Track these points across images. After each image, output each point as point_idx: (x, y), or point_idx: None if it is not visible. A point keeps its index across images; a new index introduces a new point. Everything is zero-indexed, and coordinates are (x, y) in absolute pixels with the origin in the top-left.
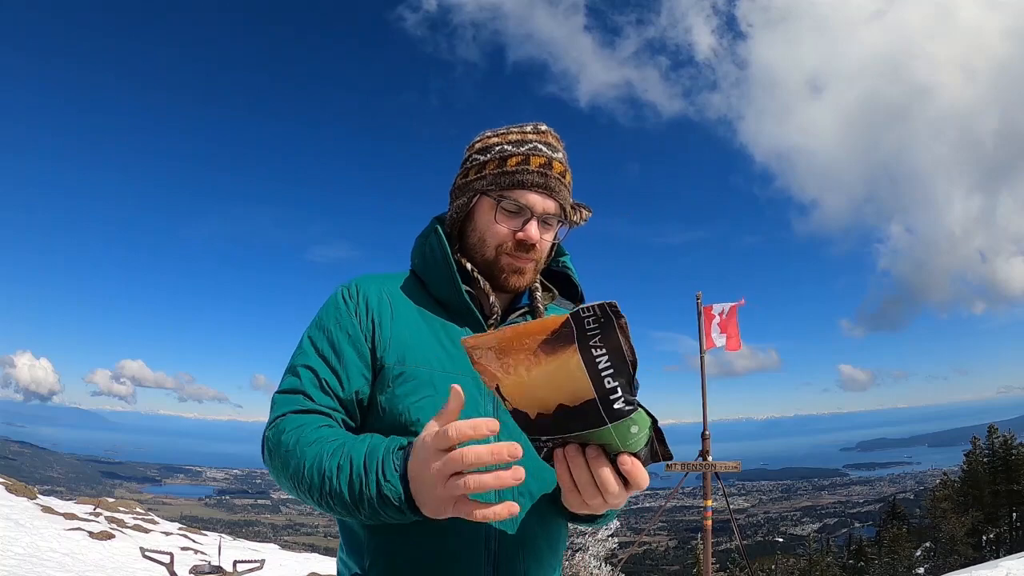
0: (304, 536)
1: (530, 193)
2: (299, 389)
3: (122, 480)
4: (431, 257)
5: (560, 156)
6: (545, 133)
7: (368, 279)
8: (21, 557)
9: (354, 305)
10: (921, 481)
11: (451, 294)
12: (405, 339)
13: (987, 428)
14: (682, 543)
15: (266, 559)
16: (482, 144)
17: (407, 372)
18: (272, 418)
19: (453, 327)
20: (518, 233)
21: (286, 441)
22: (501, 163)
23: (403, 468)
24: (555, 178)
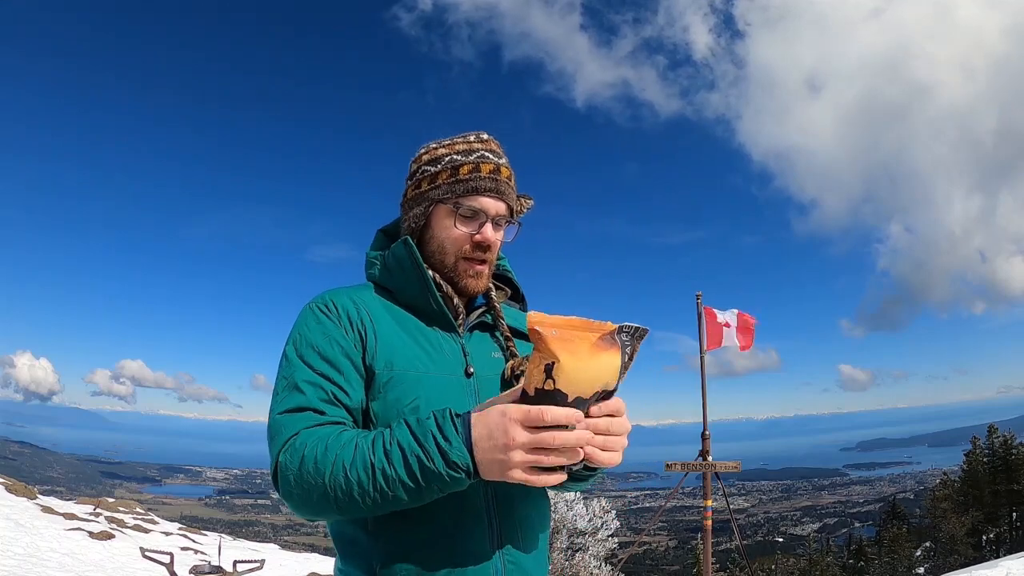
0: (304, 536)
1: (483, 197)
2: (306, 406)
3: (122, 480)
4: (398, 267)
5: (505, 162)
6: (488, 141)
7: (337, 293)
8: (21, 557)
9: (336, 318)
10: (921, 481)
11: (424, 301)
12: (389, 345)
13: (987, 428)
14: (682, 543)
15: (266, 559)
16: (430, 156)
17: (396, 377)
18: (283, 441)
19: (429, 331)
20: (475, 236)
21: (311, 455)
22: (454, 172)
23: (467, 434)
24: (504, 182)
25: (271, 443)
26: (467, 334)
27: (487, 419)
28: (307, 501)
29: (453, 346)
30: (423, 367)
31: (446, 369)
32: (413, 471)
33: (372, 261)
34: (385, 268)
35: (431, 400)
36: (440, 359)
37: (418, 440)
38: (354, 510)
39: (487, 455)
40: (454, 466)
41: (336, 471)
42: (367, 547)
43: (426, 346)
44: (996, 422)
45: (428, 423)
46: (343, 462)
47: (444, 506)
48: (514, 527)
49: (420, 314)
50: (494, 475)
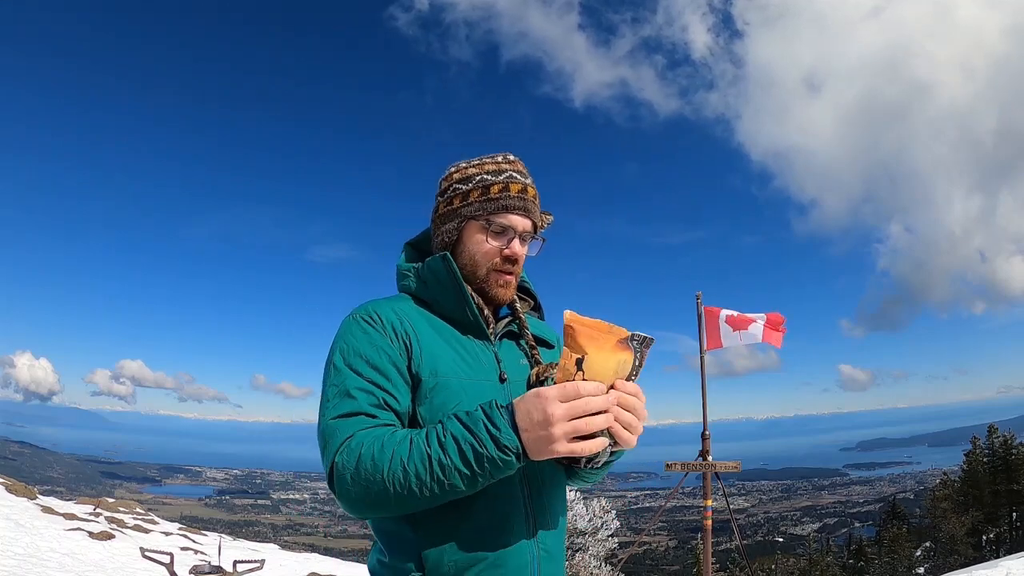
0: (304, 536)
1: (512, 215)
2: (358, 411)
3: (122, 480)
4: (435, 280)
5: (530, 182)
6: (515, 162)
7: (379, 304)
8: (21, 557)
9: (381, 328)
10: (921, 481)
11: (461, 312)
12: (432, 354)
13: (987, 428)
14: (682, 543)
15: (266, 559)
16: (460, 175)
17: (440, 383)
18: (338, 443)
19: (464, 339)
20: (504, 250)
21: (368, 453)
22: (485, 191)
23: (511, 420)
24: (530, 200)
25: (325, 446)
26: (497, 342)
27: (526, 403)
28: (365, 498)
29: (487, 354)
30: (463, 373)
31: (483, 375)
32: (467, 458)
33: (405, 273)
34: (421, 281)
35: (472, 403)
36: (477, 366)
37: (470, 430)
38: (411, 502)
39: (531, 434)
40: (505, 449)
41: (395, 466)
42: (413, 540)
43: (463, 354)
44: (996, 422)
45: (477, 414)
46: (400, 457)
47: (485, 498)
48: (545, 516)
49: (456, 324)
50: (542, 452)
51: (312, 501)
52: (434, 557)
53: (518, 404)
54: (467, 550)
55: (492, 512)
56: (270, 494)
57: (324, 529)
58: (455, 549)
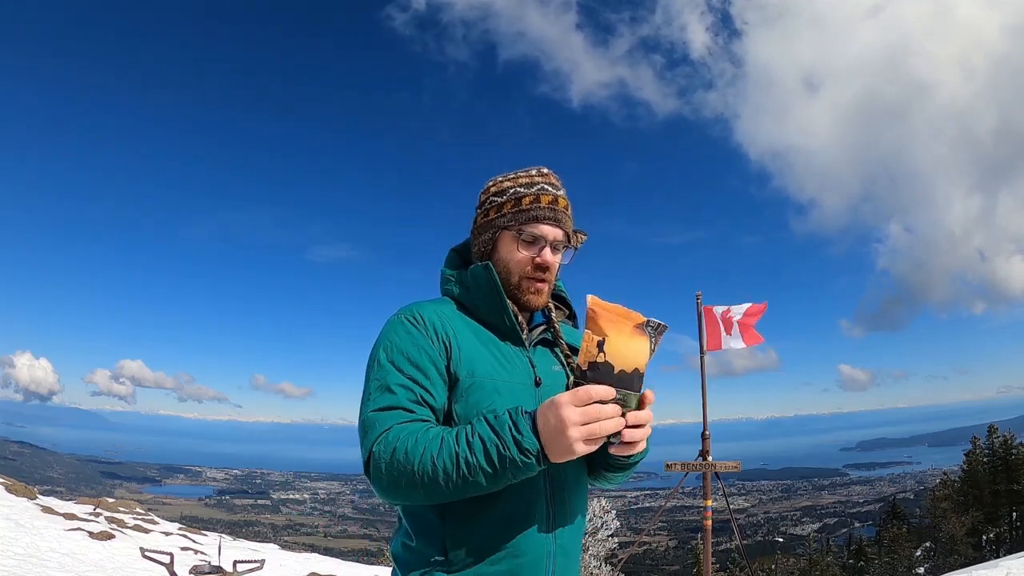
0: (304, 536)
1: (543, 225)
2: (397, 405)
3: (122, 480)
4: (476, 287)
5: (563, 193)
6: (548, 175)
7: (423, 306)
8: (21, 557)
9: (423, 328)
10: (921, 481)
11: (499, 318)
12: (471, 356)
13: (987, 428)
14: (682, 543)
15: (266, 559)
16: (496, 188)
17: (476, 383)
18: (376, 435)
19: (502, 344)
20: (536, 259)
21: (402, 447)
22: (517, 202)
23: (533, 425)
24: (561, 211)
25: (364, 436)
26: (532, 349)
27: (544, 410)
28: (395, 486)
29: (522, 359)
30: (498, 376)
31: (518, 379)
32: (492, 458)
33: (448, 278)
34: (463, 286)
35: (505, 404)
36: (512, 370)
37: (496, 432)
38: (438, 494)
39: (550, 438)
40: (526, 452)
41: (425, 460)
42: (439, 528)
43: (500, 358)
44: (996, 422)
45: (504, 418)
46: (431, 452)
47: (510, 492)
48: (565, 513)
49: (494, 329)
50: (562, 455)
51: (312, 501)
52: (456, 544)
53: (539, 411)
54: (488, 540)
55: (515, 506)
56: (270, 494)
57: (324, 529)
58: (477, 538)
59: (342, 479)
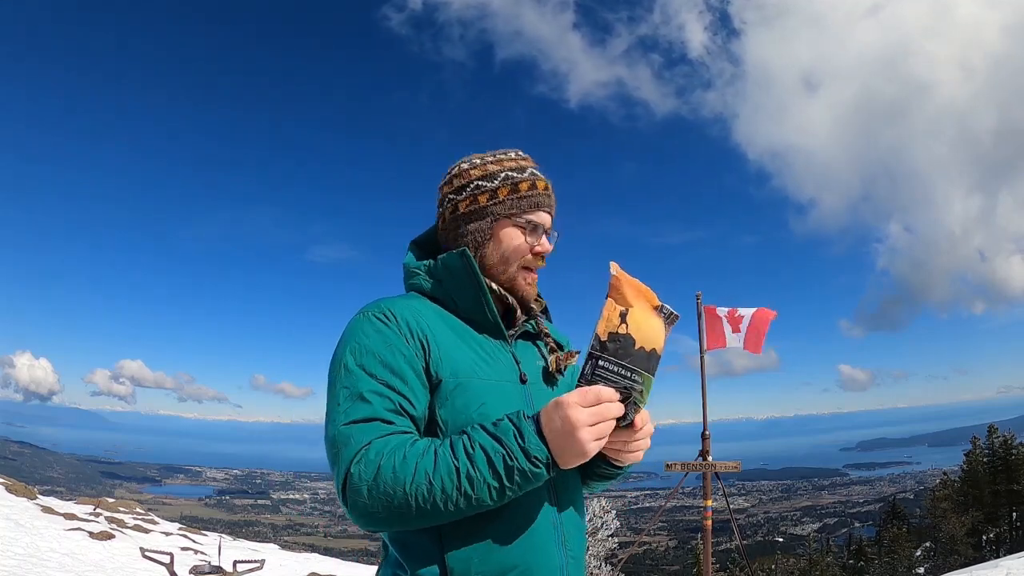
0: (304, 536)
1: (541, 212)
2: (374, 416)
3: (122, 480)
4: (450, 277)
5: (547, 178)
6: (529, 159)
7: (392, 302)
8: (21, 557)
9: (395, 326)
10: (921, 481)
11: (481, 312)
12: (451, 354)
13: (987, 428)
14: (682, 543)
15: (266, 559)
16: (481, 172)
17: (462, 384)
18: (353, 452)
19: (482, 339)
20: (535, 247)
21: (388, 465)
22: (514, 188)
23: (538, 430)
24: (553, 197)
25: (337, 454)
26: (513, 343)
27: (550, 412)
28: (383, 512)
29: (505, 354)
30: (484, 374)
31: (504, 376)
32: (497, 470)
33: (414, 271)
34: (434, 279)
35: (495, 405)
36: (496, 366)
37: (499, 440)
38: (433, 517)
39: (559, 442)
40: (535, 461)
41: (419, 479)
42: (435, 553)
43: (482, 354)
44: (996, 422)
45: (505, 424)
46: (425, 469)
47: (514, 505)
48: (571, 520)
49: (471, 323)
50: (574, 459)
51: (312, 501)
52: (460, 566)
53: (543, 414)
54: (496, 558)
55: (520, 518)
56: (270, 494)
57: (324, 529)
58: (483, 557)
59: None
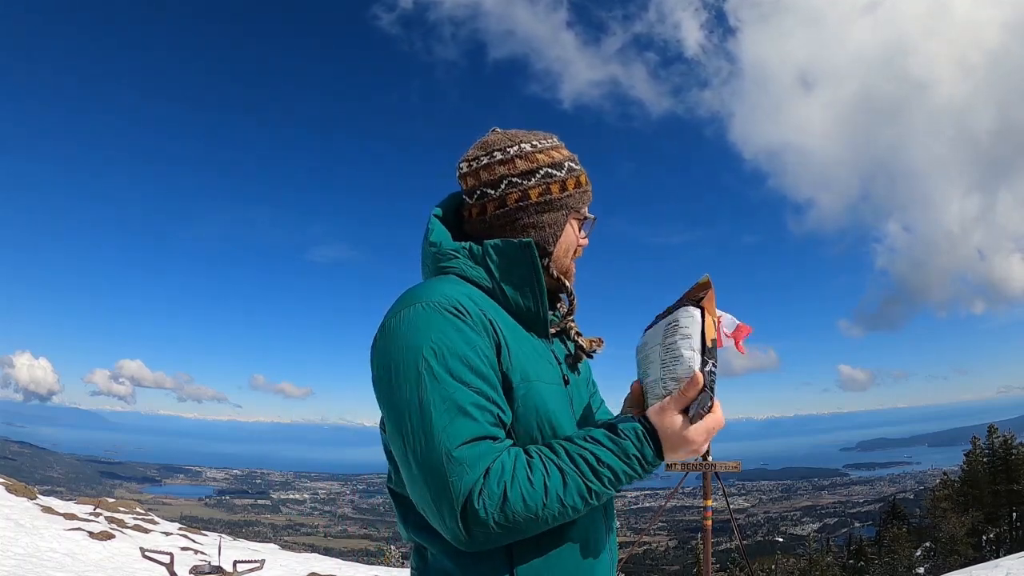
0: (304, 536)
1: (585, 208)
2: (483, 435)
3: (122, 480)
4: (508, 268)
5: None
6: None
7: (454, 290)
8: (21, 557)
9: (472, 322)
10: (921, 481)
11: (535, 308)
12: (518, 353)
13: (987, 428)
14: (682, 543)
15: (266, 559)
16: (548, 158)
17: (531, 388)
18: (472, 481)
19: (534, 339)
20: (582, 240)
21: (515, 494)
22: (578, 182)
23: (651, 436)
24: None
25: (448, 483)
26: (552, 341)
27: (669, 434)
28: (507, 537)
29: (548, 353)
30: (544, 376)
31: (554, 378)
32: (621, 487)
33: (451, 254)
34: (482, 266)
35: (558, 411)
36: (548, 367)
37: (625, 462)
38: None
39: (667, 458)
40: (649, 468)
41: (550, 502)
42: (503, 565)
43: (534, 354)
44: (996, 422)
45: (626, 444)
46: (557, 492)
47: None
48: (612, 522)
49: (521, 319)
50: (695, 451)
51: (312, 501)
52: (523, 561)
53: (661, 432)
54: (562, 567)
55: (582, 527)
56: (270, 494)
57: (324, 529)
58: (551, 568)
59: (342, 479)
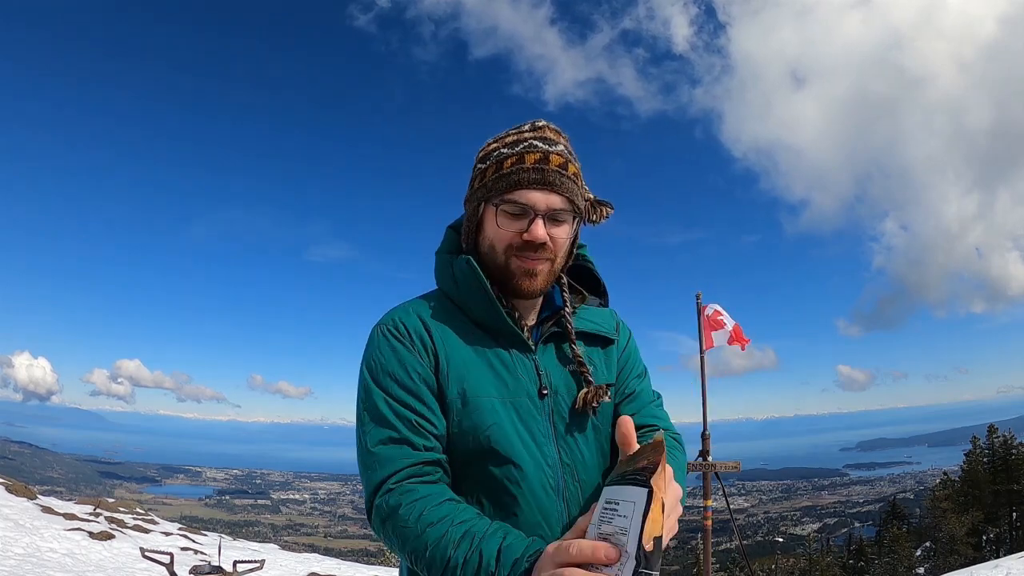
0: (304, 536)
1: (529, 191)
2: (399, 438)
3: (122, 480)
4: (465, 284)
5: (559, 149)
6: (542, 128)
7: (405, 312)
8: (21, 557)
9: (408, 342)
10: (921, 481)
11: (493, 318)
12: (461, 369)
13: (987, 428)
14: (682, 543)
15: (266, 559)
16: (483, 152)
17: (470, 404)
18: (381, 479)
19: (500, 349)
20: (524, 234)
21: (405, 516)
22: (498, 167)
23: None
24: (553, 171)
25: (366, 475)
26: (541, 347)
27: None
28: (389, 545)
29: (526, 364)
30: (495, 391)
31: (519, 391)
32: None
33: (443, 268)
34: (454, 280)
35: (505, 427)
36: (512, 380)
37: (498, 563)
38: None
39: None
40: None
41: (418, 545)
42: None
43: (498, 367)
44: (996, 422)
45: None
46: (427, 541)
47: (526, 525)
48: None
49: (488, 331)
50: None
51: (312, 501)
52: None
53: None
54: None
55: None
56: (270, 494)
57: (324, 529)
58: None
59: (342, 479)
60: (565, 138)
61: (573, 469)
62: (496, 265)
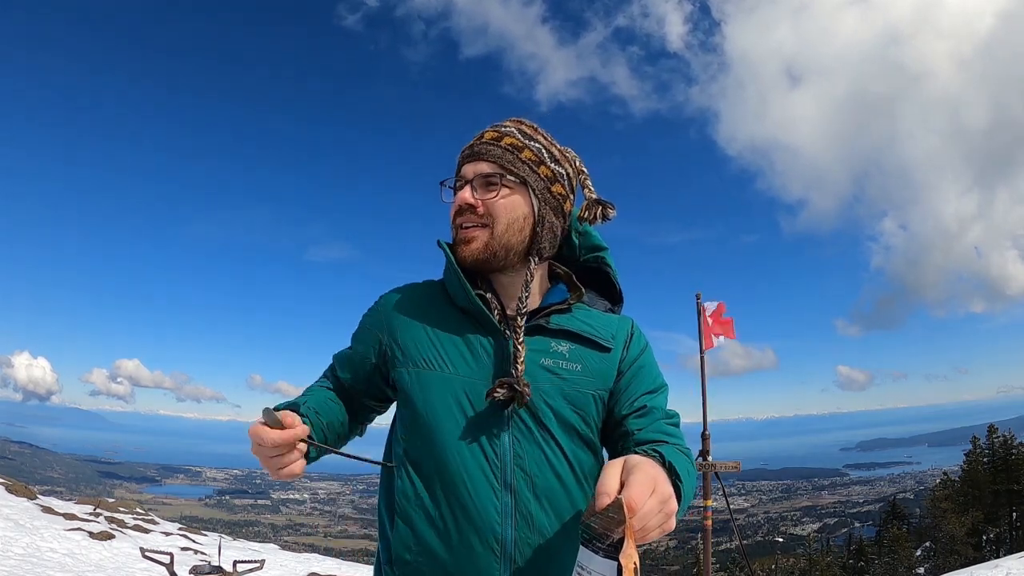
0: (304, 536)
1: (464, 166)
2: (332, 367)
3: (122, 480)
4: (446, 268)
5: (508, 130)
6: (518, 122)
7: (398, 289)
8: (21, 557)
9: (373, 310)
10: (921, 481)
11: (462, 297)
12: (412, 341)
13: (987, 428)
14: (682, 543)
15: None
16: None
17: (418, 374)
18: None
19: (469, 334)
20: (448, 201)
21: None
22: (461, 155)
23: None
24: (484, 143)
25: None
26: (528, 338)
27: None
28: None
29: (496, 348)
30: (452, 369)
31: (479, 374)
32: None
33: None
34: (444, 269)
35: (441, 400)
36: (476, 367)
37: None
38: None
39: None
40: None
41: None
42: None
43: (461, 347)
44: (996, 422)
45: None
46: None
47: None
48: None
49: (465, 313)
50: None
51: (312, 501)
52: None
53: None
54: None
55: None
56: (270, 494)
57: (324, 529)
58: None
59: (342, 479)
60: (542, 134)
61: (523, 461)
62: (453, 240)
